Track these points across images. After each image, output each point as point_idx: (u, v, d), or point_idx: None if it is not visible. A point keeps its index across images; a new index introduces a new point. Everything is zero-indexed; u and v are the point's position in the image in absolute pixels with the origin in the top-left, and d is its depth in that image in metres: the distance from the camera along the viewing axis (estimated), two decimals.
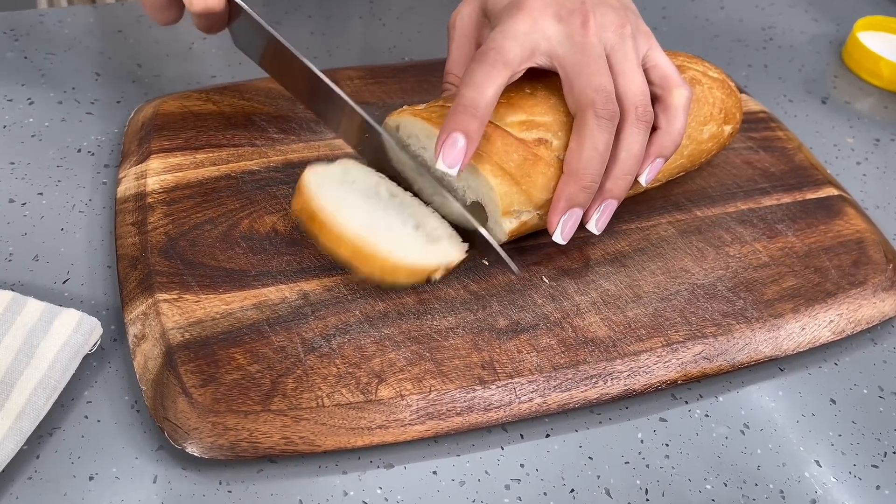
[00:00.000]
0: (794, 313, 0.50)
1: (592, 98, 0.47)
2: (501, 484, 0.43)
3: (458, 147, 0.45)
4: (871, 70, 0.74)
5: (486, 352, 0.46)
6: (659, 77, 0.50)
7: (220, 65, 0.65)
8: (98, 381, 0.44)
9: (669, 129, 0.50)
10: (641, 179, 0.51)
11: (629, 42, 0.49)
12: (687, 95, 0.50)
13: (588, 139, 0.47)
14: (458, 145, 0.45)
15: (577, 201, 0.48)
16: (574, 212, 0.48)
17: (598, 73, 0.47)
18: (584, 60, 0.48)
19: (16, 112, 0.59)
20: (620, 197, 0.49)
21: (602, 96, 0.47)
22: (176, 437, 0.41)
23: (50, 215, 0.52)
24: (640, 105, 0.48)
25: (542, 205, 0.49)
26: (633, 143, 0.48)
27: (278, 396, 0.42)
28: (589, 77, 0.47)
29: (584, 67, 0.47)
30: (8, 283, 0.48)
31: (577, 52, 0.48)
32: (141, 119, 0.57)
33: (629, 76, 0.49)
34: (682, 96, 0.50)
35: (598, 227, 0.50)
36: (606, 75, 0.48)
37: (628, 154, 0.48)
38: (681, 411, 0.47)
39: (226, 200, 0.52)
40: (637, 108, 0.48)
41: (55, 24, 0.67)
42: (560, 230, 0.48)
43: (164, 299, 0.45)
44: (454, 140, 0.45)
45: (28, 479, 0.40)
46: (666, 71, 0.50)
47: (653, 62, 0.51)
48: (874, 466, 0.46)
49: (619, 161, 0.49)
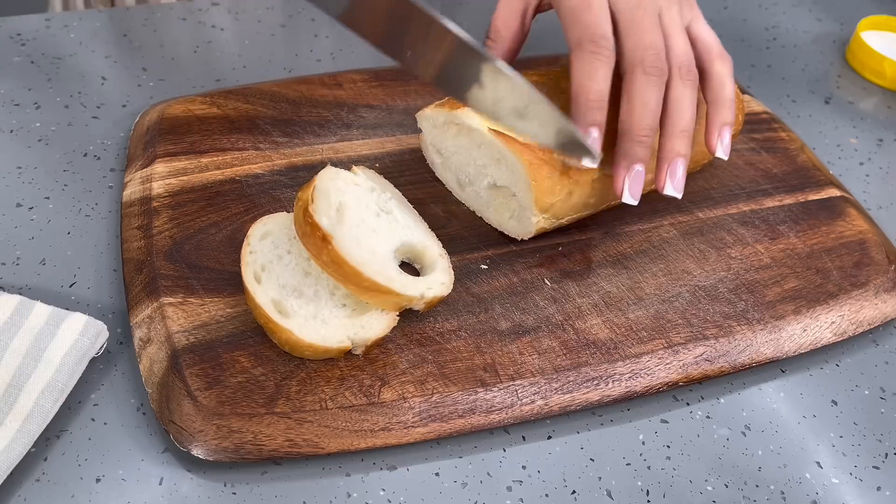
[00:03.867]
0: (796, 315, 0.51)
1: (642, 56, 0.48)
2: (503, 485, 0.43)
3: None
4: (875, 70, 0.74)
5: (488, 354, 0.46)
6: (701, 48, 0.52)
7: (225, 69, 0.66)
8: (104, 384, 0.45)
9: (721, 98, 0.51)
10: (721, 153, 0.51)
11: (675, 7, 0.51)
12: (729, 64, 0.52)
13: (638, 95, 0.48)
14: (594, 134, 0.47)
15: (637, 156, 0.48)
16: (635, 168, 0.49)
17: (650, 31, 0.48)
18: (639, 16, 0.49)
19: (23, 116, 0.60)
20: (686, 154, 0.50)
21: (651, 54, 0.48)
22: (181, 440, 0.41)
23: (57, 219, 0.53)
24: (684, 65, 0.49)
25: (546, 208, 0.49)
26: (683, 99, 0.49)
27: (282, 399, 0.43)
28: (641, 34, 0.48)
29: (638, 24, 0.48)
30: (15, 287, 0.49)
31: (634, 8, 0.49)
32: (146, 123, 0.57)
33: (673, 38, 0.50)
34: (726, 65, 0.52)
35: (675, 188, 0.50)
36: (658, 33, 0.49)
37: (680, 109, 0.49)
38: (682, 413, 0.48)
39: (230, 204, 0.52)
40: (681, 67, 0.49)
41: (61, 29, 0.67)
42: (628, 190, 0.49)
43: (170, 303, 0.46)
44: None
45: (36, 481, 0.41)
46: (708, 42, 0.52)
47: (695, 32, 0.52)
48: (875, 468, 0.46)
49: (672, 118, 0.49)
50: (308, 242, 0.44)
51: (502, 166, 0.50)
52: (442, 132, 0.53)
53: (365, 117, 0.60)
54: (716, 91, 0.51)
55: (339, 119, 0.59)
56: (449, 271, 0.48)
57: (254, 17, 0.71)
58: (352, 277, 0.43)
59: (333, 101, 0.61)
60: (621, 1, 0.49)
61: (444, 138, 0.53)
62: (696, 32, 0.52)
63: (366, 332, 0.44)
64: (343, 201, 0.47)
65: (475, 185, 0.53)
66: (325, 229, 0.43)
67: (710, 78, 0.51)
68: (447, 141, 0.53)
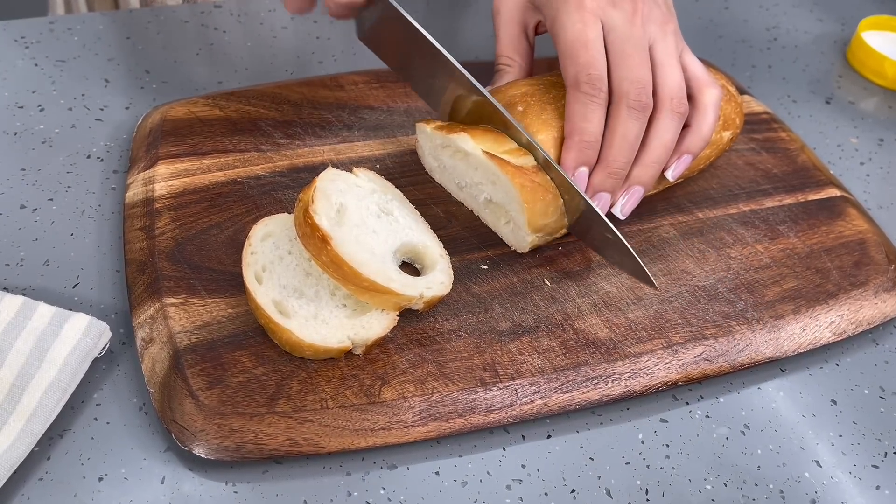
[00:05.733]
0: (795, 314, 0.51)
1: (628, 90, 0.49)
2: (503, 484, 0.43)
3: None
4: (876, 70, 0.74)
5: (488, 354, 0.46)
6: (690, 77, 0.53)
7: (227, 71, 0.66)
8: (107, 383, 0.45)
9: (699, 127, 0.52)
10: (668, 175, 0.53)
11: (671, 38, 0.52)
12: (717, 95, 0.53)
13: (619, 129, 0.49)
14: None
15: (605, 187, 0.50)
16: (601, 196, 0.50)
17: (638, 66, 0.49)
18: (629, 50, 0.49)
19: (26, 119, 0.60)
20: (647, 185, 0.51)
21: (636, 88, 0.49)
22: (183, 439, 0.42)
23: (60, 221, 0.53)
24: (676, 97, 0.50)
25: (540, 228, 0.50)
26: (665, 133, 0.50)
27: (283, 399, 0.43)
28: (629, 68, 0.49)
29: (628, 58, 0.49)
30: (19, 288, 0.49)
31: (624, 41, 0.50)
32: (149, 125, 0.57)
33: (668, 69, 0.51)
34: (713, 95, 0.52)
35: (623, 212, 0.51)
36: (646, 68, 0.50)
37: (659, 143, 0.50)
38: (681, 412, 0.48)
39: (232, 205, 0.52)
40: (672, 99, 0.50)
41: (65, 32, 0.68)
42: None
43: (172, 303, 0.46)
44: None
45: (39, 480, 0.41)
46: (697, 72, 0.53)
47: (684, 63, 0.53)
48: (874, 467, 0.46)
49: (650, 149, 0.50)
50: (308, 243, 0.45)
51: (498, 187, 0.51)
52: (439, 149, 0.54)
53: (366, 119, 0.60)
54: (697, 118, 0.53)
55: (340, 120, 0.60)
56: (448, 271, 0.48)
57: (256, 20, 0.71)
58: (351, 278, 0.44)
59: (335, 103, 0.61)
60: (613, 33, 0.50)
61: (440, 153, 0.54)
62: (685, 63, 0.53)
63: (366, 332, 0.44)
64: (344, 202, 0.48)
65: (473, 192, 0.53)
66: (324, 230, 0.44)
67: (695, 106, 0.53)
68: (444, 157, 0.54)
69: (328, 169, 0.49)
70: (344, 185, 0.49)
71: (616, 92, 0.49)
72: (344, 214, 0.47)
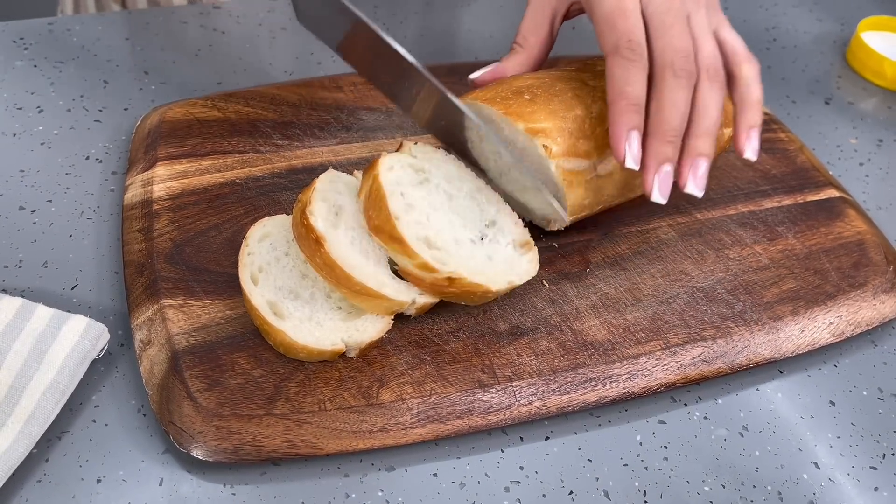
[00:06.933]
0: (794, 316, 0.51)
1: (672, 58, 0.49)
2: (501, 486, 0.43)
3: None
4: (875, 70, 0.74)
5: (486, 355, 0.46)
6: (729, 51, 0.52)
7: (226, 72, 0.66)
8: (105, 385, 0.45)
9: (748, 100, 0.52)
10: (749, 154, 0.52)
11: (703, 11, 0.51)
12: (756, 67, 0.52)
13: (668, 97, 0.49)
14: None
15: (666, 156, 0.49)
16: (664, 168, 0.49)
17: (679, 35, 0.49)
18: (669, 20, 0.49)
19: (25, 120, 0.60)
20: (709, 155, 0.50)
21: (681, 56, 0.49)
22: (181, 441, 0.42)
23: (59, 222, 0.53)
24: (712, 67, 0.50)
25: None
26: (710, 100, 0.50)
27: (281, 400, 0.43)
28: (671, 38, 0.49)
29: (668, 28, 0.49)
30: (18, 290, 0.49)
31: (664, 12, 0.49)
32: (147, 126, 0.57)
33: (701, 41, 0.50)
34: (753, 68, 0.52)
35: (697, 187, 0.50)
36: (687, 37, 0.50)
37: (706, 111, 0.50)
38: (680, 413, 0.48)
39: (231, 207, 0.52)
40: (709, 69, 0.50)
41: (63, 33, 0.68)
42: (657, 189, 0.49)
43: (170, 305, 0.46)
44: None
45: (37, 481, 0.41)
46: (735, 46, 0.52)
47: (722, 36, 0.52)
48: (872, 468, 0.46)
49: (699, 118, 0.50)
50: (303, 244, 0.45)
51: None
52: None
53: (364, 120, 0.60)
54: (742, 93, 0.52)
55: (338, 122, 0.60)
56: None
57: (255, 21, 0.71)
58: (343, 281, 0.44)
59: (333, 104, 0.61)
60: (652, 5, 0.50)
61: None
62: (722, 36, 0.52)
63: (360, 335, 0.44)
64: (342, 204, 0.48)
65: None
66: (319, 231, 0.44)
67: (737, 81, 0.52)
68: None
69: (328, 171, 0.49)
70: (343, 186, 0.49)
71: (659, 62, 0.49)
72: (341, 217, 0.47)
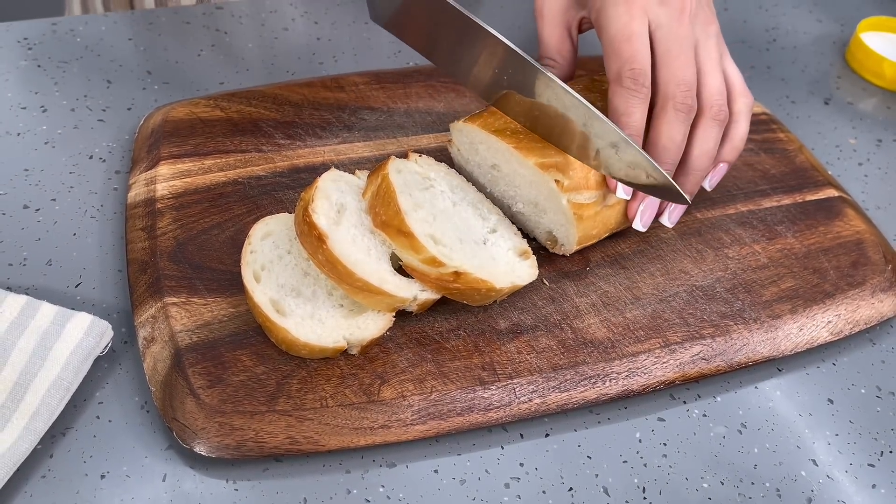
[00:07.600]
0: (793, 314, 0.51)
1: (674, 91, 0.48)
2: (501, 482, 0.44)
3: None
4: (875, 71, 0.74)
5: (487, 353, 0.47)
6: (727, 85, 0.52)
7: (229, 71, 0.67)
8: (109, 382, 0.46)
9: (733, 136, 0.52)
10: (706, 185, 0.53)
11: (713, 41, 0.51)
12: (748, 103, 0.52)
13: (665, 130, 0.49)
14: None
15: None
16: (650, 200, 0.50)
17: (684, 66, 0.49)
18: (676, 50, 0.49)
19: (29, 120, 0.60)
20: (691, 194, 0.51)
21: (683, 90, 0.48)
22: (184, 437, 0.42)
23: (63, 221, 0.54)
24: (717, 104, 0.50)
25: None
26: (707, 140, 0.50)
27: (283, 397, 0.43)
28: (676, 69, 0.49)
29: (675, 58, 0.49)
30: (22, 287, 0.49)
31: (671, 39, 0.49)
32: (151, 126, 0.58)
33: (710, 75, 0.50)
34: (745, 104, 0.52)
35: (671, 220, 0.51)
36: (692, 69, 0.49)
37: (701, 151, 0.50)
38: (679, 411, 0.48)
39: (233, 205, 0.53)
40: (713, 107, 0.50)
41: (67, 33, 0.68)
42: (639, 219, 0.50)
43: (173, 303, 0.46)
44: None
45: (42, 477, 0.42)
46: (734, 79, 0.52)
47: (723, 69, 0.52)
48: (871, 465, 0.47)
49: (693, 157, 0.50)
50: (305, 241, 0.45)
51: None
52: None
53: (366, 119, 0.61)
54: (730, 129, 0.52)
55: (340, 121, 0.60)
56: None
57: (257, 21, 0.72)
58: (345, 277, 0.44)
59: (335, 104, 0.61)
60: (661, 29, 0.49)
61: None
62: (723, 68, 0.52)
63: (361, 332, 0.45)
64: (345, 203, 0.48)
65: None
66: (321, 228, 0.44)
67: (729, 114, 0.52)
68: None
69: (331, 170, 0.49)
70: (346, 185, 0.49)
71: (662, 92, 0.49)
72: (343, 214, 0.47)
